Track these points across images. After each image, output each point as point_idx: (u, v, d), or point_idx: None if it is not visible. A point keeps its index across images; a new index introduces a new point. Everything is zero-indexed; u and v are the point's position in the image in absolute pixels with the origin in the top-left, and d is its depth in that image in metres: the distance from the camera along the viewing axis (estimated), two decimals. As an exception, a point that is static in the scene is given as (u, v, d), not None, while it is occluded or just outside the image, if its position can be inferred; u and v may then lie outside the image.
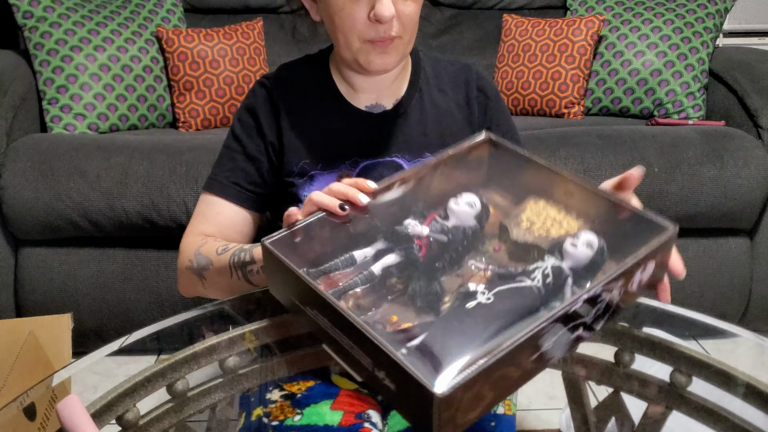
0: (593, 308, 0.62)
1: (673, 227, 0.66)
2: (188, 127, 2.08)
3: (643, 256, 0.64)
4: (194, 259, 0.94)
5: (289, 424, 0.92)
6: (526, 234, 0.73)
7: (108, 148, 1.71)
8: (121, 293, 1.74)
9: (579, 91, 2.12)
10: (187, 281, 0.97)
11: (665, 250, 0.68)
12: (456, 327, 0.59)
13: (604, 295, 0.62)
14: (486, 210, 0.75)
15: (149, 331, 0.89)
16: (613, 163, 1.72)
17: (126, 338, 0.88)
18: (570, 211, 0.75)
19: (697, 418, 0.86)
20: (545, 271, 0.65)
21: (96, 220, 1.66)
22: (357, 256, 0.71)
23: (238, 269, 0.88)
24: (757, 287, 1.84)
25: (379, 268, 0.69)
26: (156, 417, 0.83)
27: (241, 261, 0.87)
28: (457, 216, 0.74)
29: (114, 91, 2.00)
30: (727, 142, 1.75)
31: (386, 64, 0.92)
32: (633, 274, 0.65)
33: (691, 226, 1.78)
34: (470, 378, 0.53)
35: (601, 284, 0.61)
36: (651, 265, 0.67)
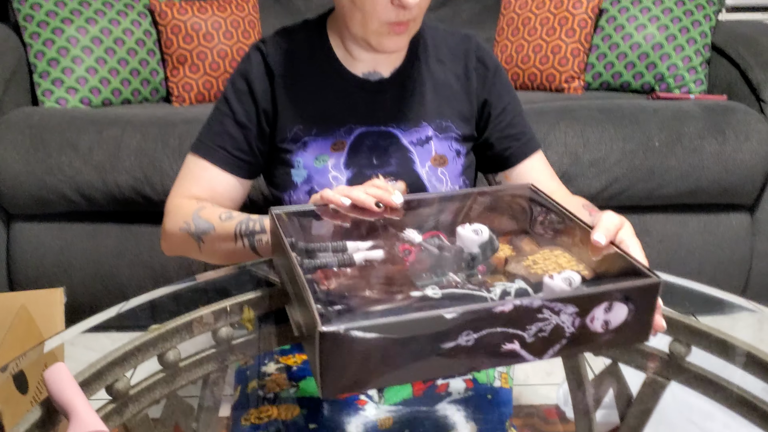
0: (531, 324, 0.60)
1: (656, 279, 0.63)
2: (182, 102, 2.06)
3: (603, 291, 0.62)
4: (192, 222, 0.93)
5: (285, 396, 0.92)
6: (521, 269, 0.73)
7: (100, 122, 1.69)
8: (115, 268, 1.73)
9: (579, 65, 2.10)
10: (179, 242, 0.96)
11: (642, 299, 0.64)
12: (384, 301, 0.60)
13: (546, 313, 0.60)
14: (493, 243, 0.75)
15: (146, 299, 0.90)
16: (613, 137, 1.70)
17: (123, 305, 0.88)
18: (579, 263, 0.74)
19: (696, 388, 0.85)
20: (507, 289, 0.64)
21: (88, 194, 1.65)
22: (350, 245, 0.73)
23: (244, 237, 0.88)
24: (758, 263, 1.84)
25: (360, 257, 0.71)
26: (147, 387, 0.82)
27: (250, 230, 0.87)
28: (461, 239, 0.75)
29: (106, 65, 1.97)
30: (729, 116, 1.74)
31: (398, 46, 0.92)
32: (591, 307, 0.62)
33: (692, 201, 1.77)
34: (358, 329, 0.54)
35: (541, 299, 0.59)
36: (620, 309, 0.63)
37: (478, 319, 0.58)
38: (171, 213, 0.97)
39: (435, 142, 0.99)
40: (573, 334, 0.62)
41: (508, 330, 0.59)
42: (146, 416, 0.82)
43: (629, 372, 0.92)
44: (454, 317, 0.57)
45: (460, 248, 0.74)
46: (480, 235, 0.74)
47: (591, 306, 0.62)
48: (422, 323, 0.56)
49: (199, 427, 0.88)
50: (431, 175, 0.98)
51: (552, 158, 1.70)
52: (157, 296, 0.92)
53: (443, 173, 0.99)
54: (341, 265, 0.69)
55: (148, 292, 0.91)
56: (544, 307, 0.60)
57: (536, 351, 0.62)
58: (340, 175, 0.96)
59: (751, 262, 1.83)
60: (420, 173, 0.98)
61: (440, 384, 0.96)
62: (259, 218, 0.88)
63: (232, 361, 0.88)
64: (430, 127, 0.99)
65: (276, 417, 0.90)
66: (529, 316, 0.60)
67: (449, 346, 0.58)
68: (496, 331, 0.59)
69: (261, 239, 0.87)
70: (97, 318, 0.86)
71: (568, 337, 0.62)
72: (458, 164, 1.01)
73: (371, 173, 0.97)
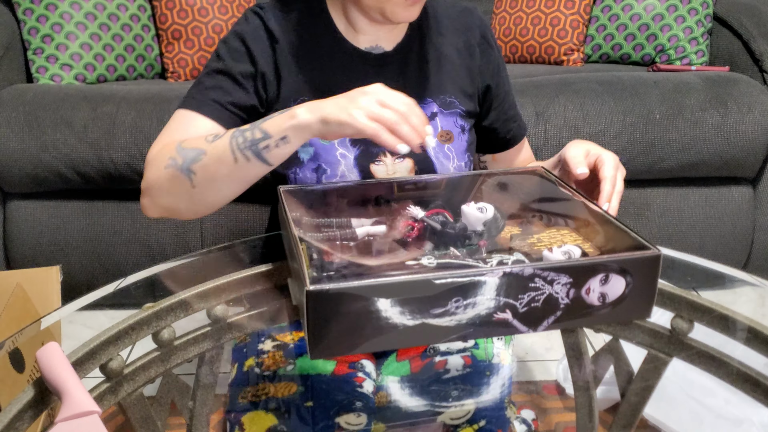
0: (524, 293, 0.59)
1: (656, 251, 0.63)
2: (177, 78, 2.04)
3: (596, 261, 0.61)
4: (177, 155, 0.82)
5: (282, 374, 0.91)
6: (524, 245, 0.73)
7: (95, 98, 1.67)
8: (112, 246, 1.72)
9: (579, 37, 2.07)
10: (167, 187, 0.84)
11: (641, 273, 0.63)
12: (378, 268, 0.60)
13: (538, 282, 0.59)
14: (497, 221, 0.75)
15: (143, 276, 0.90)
16: (613, 110, 1.69)
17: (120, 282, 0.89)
18: (585, 242, 0.73)
19: (698, 364, 0.84)
20: (503, 260, 0.63)
21: (84, 171, 1.63)
22: (354, 222, 0.73)
23: (246, 150, 0.78)
24: (760, 237, 1.82)
25: (363, 232, 0.71)
26: (141, 366, 0.81)
27: (250, 140, 0.78)
28: (465, 217, 0.74)
29: (101, 41, 1.94)
30: (731, 88, 1.72)
31: (412, 16, 0.89)
32: (586, 278, 0.61)
33: (693, 174, 1.75)
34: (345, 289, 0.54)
35: (532, 266, 0.58)
36: (618, 282, 0.63)
37: (467, 285, 0.57)
38: (150, 162, 0.86)
39: (440, 118, 0.98)
40: (568, 305, 0.61)
41: (499, 299, 0.58)
42: (141, 395, 0.82)
43: (630, 348, 0.91)
44: (442, 282, 0.56)
45: (464, 226, 0.73)
46: (485, 213, 0.73)
47: (586, 277, 0.61)
48: (409, 286, 0.56)
49: (196, 406, 0.88)
50: (438, 151, 0.97)
51: (551, 132, 1.68)
52: (154, 273, 0.92)
53: (450, 149, 0.98)
54: (343, 239, 0.69)
55: (145, 270, 0.91)
56: (536, 276, 0.59)
57: (530, 322, 0.61)
58: (347, 152, 0.94)
59: (753, 235, 1.82)
60: (428, 150, 0.96)
61: (438, 361, 0.95)
62: (255, 125, 0.79)
63: (228, 339, 0.88)
64: (435, 103, 0.98)
65: (273, 395, 0.90)
66: (520, 285, 0.59)
67: (438, 311, 0.58)
68: (485, 298, 0.58)
69: (268, 145, 0.78)
70: (94, 295, 0.86)
71: (563, 308, 0.61)
72: (463, 140, 1.00)
73: (378, 150, 0.94)
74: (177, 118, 0.91)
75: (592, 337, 0.94)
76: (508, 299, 0.59)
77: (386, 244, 0.70)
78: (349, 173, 0.93)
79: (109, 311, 0.88)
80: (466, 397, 0.92)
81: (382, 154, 0.94)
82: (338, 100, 0.75)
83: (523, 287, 0.59)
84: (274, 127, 0.78)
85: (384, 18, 0.90)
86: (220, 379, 0.90)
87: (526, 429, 1.22)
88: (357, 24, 0.95)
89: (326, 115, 0.74)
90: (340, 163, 0.93)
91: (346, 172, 0.93)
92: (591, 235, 0.73)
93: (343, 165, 0.93)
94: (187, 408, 0.88)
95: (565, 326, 0.64)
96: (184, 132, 0.88)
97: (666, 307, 0.86)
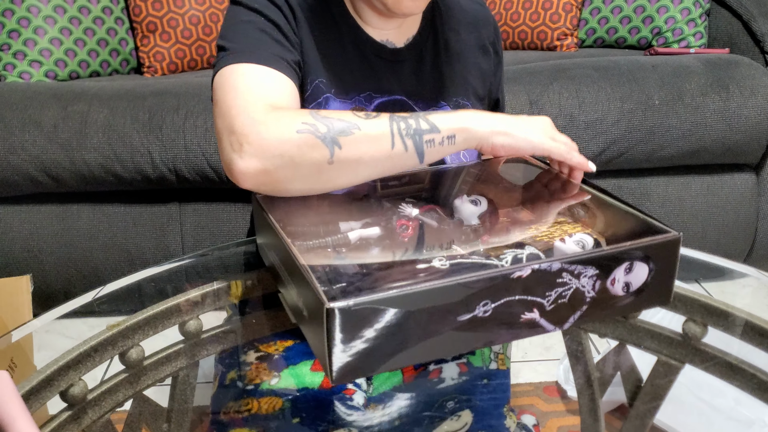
0: (551, 290, 0.58)
1: (676, 233, 0.62)
2: (154, 72, 1.97)
3: (623, 249, 0.60)
4: (318, 122, 0.69)
5: (266, 387, 0.88)
6: (527, 237, 0.71)
7: (65, 96, 1.61)
8: (88, 252, 1.67)
9: (572, 21, 2.02)
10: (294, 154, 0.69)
11: (664, 257, 0.63)
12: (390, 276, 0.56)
13: (566, 277, 0.58)
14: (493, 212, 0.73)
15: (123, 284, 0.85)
16: (610, 97, 1.63)
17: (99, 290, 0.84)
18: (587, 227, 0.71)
19: (713, 372, 0.80)
20: (518, 256, 0.61)
21: (55, 173, 1.57)
22: (342, 226, 0.69)
23: (407, 137, 0.71)
24: (763, 225, 1.79)
25: (355, 236, 0.67)
26: (108, 390, 0.76)
27: (414, 128, 0.72)
28: (459, 212, 0.73)
29: (72, 35, 1.87)
30: (732, 71, 1.67)
31: (417, 7, 0.83)
32: (611, 268, 0.60)
33: (694, 162, 1.72)
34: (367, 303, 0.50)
35: (560, 261, 0.57)
36: (641, 270, 0.62)
37: (495, 287, 0.55)
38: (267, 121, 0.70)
39: None
40: (594, 299, 0.60)
41: (526, 297, 0.57)
42: (109, 422, 0.77)
43: (638, 354, 0.87)
44: (472, 285, 0.54)
45: (459, 221, 0.71)
46: (479, 206, 0.72)
47: (612, 267, 0.60)
48: (436, 293, 0.53)
49: (171, 428, 0.84)
50: (455, 156, 0.92)
51: (546, 121, 1.62)
52: (135, 281, 0.87)
53: (464, 155, 0.93)
54: (335, 245, 0.65)
55: (126, 277, 0.87)
56: (564, 271, 0.57)
57: (556, 320, 0.60)
58: None
59: (757, 224, 1.79)
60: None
61: (432, 369, 0.92)
62: (412, 115, 0.73)
63: (204, 356, 0.84)
64: (448, 106, 0.93)
65: (257, 411, 0.86)
66: (548, 281, 0.57)
67: (466, 318, 0.55)
68: (515, 300, 0.56)
69: (433, 139, 0.72)
70: (72, 304, 0.82)
71: (589, 302, 0.60)
72: None
73: None
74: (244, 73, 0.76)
75: (593, 336, 0.90)
76: (536, 297, 0.57)
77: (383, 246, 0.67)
78: None
79: (89, 319, 0.85)
80: (462, 408, 0.88)
81: None
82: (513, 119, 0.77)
83: (551, 283, 0.57)
84: (443, 122, 0.73)
85: (387, 9, 0.83)
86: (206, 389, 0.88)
87: None
88: (364, 16, 0.89)
89: (509, 130, 0.75)
90: None
91: None
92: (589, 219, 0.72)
93: None
94: (162, 431, 0.83)
95: (590, 320, 0.63)
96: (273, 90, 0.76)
97: (677, 310, 0.82)
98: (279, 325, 0.89)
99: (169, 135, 1.54)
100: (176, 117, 1.55)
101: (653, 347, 0.84)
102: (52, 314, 0.80)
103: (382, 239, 0.68)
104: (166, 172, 1.56)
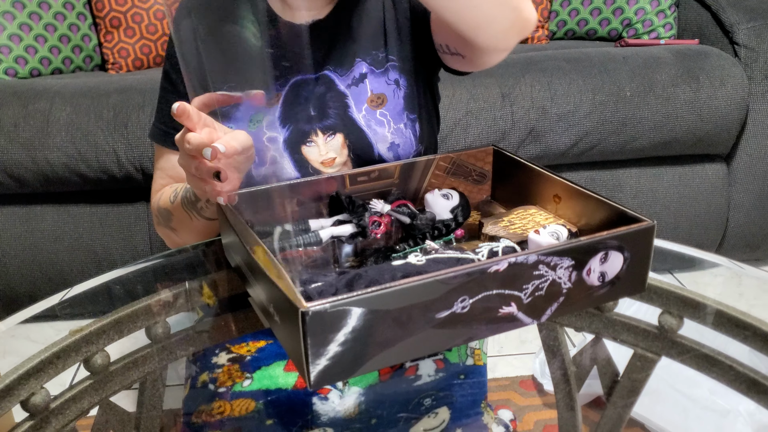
0: (528, 283, 0.57)
1: (651, 222, 0.62)
2: (119, 69, 1.92)
3: (599, 239, 0.59)
4: (158, 214, 0.91)
5: (238, 390, 0.87)
6: (499, 230, 0.71)
7: (26, 94, 1.56)
8: (54, 253, 1.63)
9: (543, 13, 2.02)
10: (166, 234, 0.94)
11: (638, 246, 0.63)
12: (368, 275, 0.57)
13: (542, 269, 0.58)
14: (465, 205, 0.74)
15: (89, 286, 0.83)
16: (582, 89, 1.63)
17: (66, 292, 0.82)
18: (558, 219, 0.73)
19: (690, 364, 0.80)
20: (494, 249, 0.62)
21: (17, 174, 1.53)
22: (312, 224, 0.70)
23: (191, 210, 0.84)
24: (735, 215, 1.80)
25: (327, 234, 0.68)
26: (72, 397, 0.74)
27: (189, 201, 0.82)
28: (430, 207, 0.73)
29: (32, 31, 1.82)
30: (702, 61, 1.68)
31: None
32: (587, 259, 0.60)
33: (666, 153, 1.73)
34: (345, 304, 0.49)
35: (536, 253, 0.56)
36: (616, 259, 0.62)
37: (472, 282, 0.54)
38: (153, 215, 0.95)
39: (370, 79, 0.91)
40: (570, 290, 0.61)
41: (504, 291, 0.57)
42: (74, 430, 0.75)
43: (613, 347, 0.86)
44: (449, 282, 0.53)
45: (432, 215, 0.71)
46: (450, 200, 0.72)
47: (587, 257, 0.60)
48: (414, 291, 0.52)
49: None
50: (369, 119, 0.90)
51: (518, 114, 1.62)
52: (103, 282, 0.85)
53: (383, 114, 0.91)
54: (307, 245, 0.66)
55: (93, 278, 0.85)
56: (540, 263, 0.57)
57: (534, 312, 0.60)
58: (276, 133, 0.88)
59: (728, 213, 1.80)
60: (356, 119, 0.90)
61: (409, 367, 0.91)
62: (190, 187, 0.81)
63: (173, 360, 0.82)
64: (364, 62, 0.91)
65: (230, 414, 0.85)
66: (525, 274, 0.57)
67: (444, 315, 0.54)
68: (492, 294, 0.56)
69: (202, 207, 0.82)
70: (38, 307, 0.81)
71: (565, 293, 0.61)
72: (399, 97, 0.92)
73: (309, 128, 0.89)
74: (156, 155, 0.96)
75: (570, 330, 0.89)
76: (513, 291, 0.57)
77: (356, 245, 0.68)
78: (280, 158, 0.88)
79: (55, 323, 0.85)
80: (440, 405, 0.88)
81: (312, 133, 0.89)
82: None
83: (528, 276, 0.57)
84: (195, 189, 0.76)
85: None
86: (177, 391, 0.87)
87: (504, 431, 1.18)
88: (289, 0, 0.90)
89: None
90: (268, 149, 0.88)
91: (277, 157, 0.87)
92: (560, 210, 0.72)
93: (273, 150, 0.88)
94: None
95: (567, 312, 0.63)
96: (163, 172, 0.94)
97: (653, 302, 0.81)
98: (250, 326, 0.87)
99: (135, 133, 1.51)
100: (142, 114, 1.52)
101: (630, 340, 0.84)
102: (16, 318, 0.78)
103: (354, 236, 0.68)
104: (133, 171, 1.53)
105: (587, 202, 0.69)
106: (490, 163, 0.80)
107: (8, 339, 0.80)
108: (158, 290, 0.80)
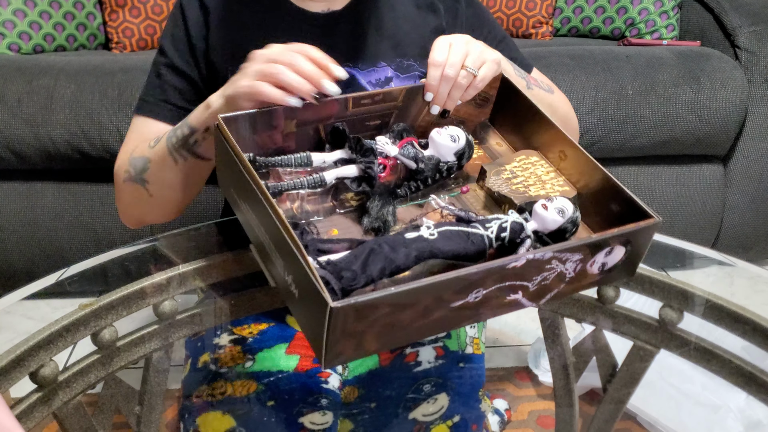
0: (538, 275, 0.59)
1: (658, 218, 0.63)
2: (122, 48, 1.91)
3: (610, 236, 0.61)
4: (130, 166, 0.83)
5: (240, 371, 0.87)
6: (502, 185, 0.72)
7: (30, 70, 1.54)
8: (53, 231, 1.62)
9: (547, 9, 2.02)
10: (130, 200, 0.86)
11: (641, 240, 0.64)
12: (383, 252, 0.57)
13: (554, 263, 0.59)
14: (470, 148, 0.73)
15: (88, 265, 0.84)
16: (585, 86, 1.64)
17: (64, 271, 0.83)
18: (559, 175, 0.73)
19: (689, 357, 0.81)
20: (503, 224, 0.63)
21: (19, 150, 1.52)
22: (315, 158, 0.68)
23: (180, 149, 0.77)
24: (729, 216, 1.82)
25: (332, 176, 0.67)
26: (80, 371, 0.75)
27: (181, 138, 0.77)
28: (436, 147, 0.72)
29: (36, 7, 1.80)
30: (703, 63, 1.69)
31: None
32: (595, 253, 0.61)
33: (665, 152, 1.73)
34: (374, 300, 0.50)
35: (552, 251, 0.58)
36: (619, 251, 0.63)
37: (490, 276, 0.56)
38: (115, 174, 0.87)
39: (396, 83, 0.90)
40: (571, 278, 0.62)
41: (515, 282, 0.58)
42: (80, 403, 0.76)
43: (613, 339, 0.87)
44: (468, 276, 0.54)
45: (436, 159, 0.71)
46: (457, 142, 0.71)
47: (596, 252, 0.61)
48: (437, 287, 0.54)
49: (143, 411, 0.82)
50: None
51: (521, 108, 1.62)
52: (102, 261, 0.86)
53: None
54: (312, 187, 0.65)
55: (92, 258, 0.86)
56: (554, 258, 0.59)
57: (535, 298, 0.62)
58: None
59: (723, 214, 1.81)
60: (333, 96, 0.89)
61: (409, 353, 0.91)
62: (184, 121, 0.77)
63: (178, 338, 0.82)
64: (389, 67, 0.91)
65: (230, 394, 0.85)
66: (538, 268, 0.59)
67: (458, 304, 0.56)
68: (504, 285, 0.58)
69: (197, 140, 0.76)
70: (36, 285, 0.82)
71: (567, 281, 0.62)
72: None
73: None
74: (134, 125, 0.90)
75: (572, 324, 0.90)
76: (524, 282, 0.59)
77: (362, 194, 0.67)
78: None
79: (52, 301, 0.84)
80: (438, 391, 0.88)
81: None
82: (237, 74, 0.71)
83: (540, 269, 0.59)
84: (196, 119, 0.75)
85: None
86: (174, 372, 0.86)
87: (499, 420, 1.19)
88: None
89: (227, 94, 0.70)
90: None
91: None
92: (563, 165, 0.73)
93: None
94: (134, 414, 0.84)
95: (562, 296, 0.65)
96: (138, 136, 0.87)
97: (654, 296, 0.82)
98: (253, 308, 0.87)
99: (139, 113, 1.50)
100: (147, 94, 1.51)
101: (630, 332, 0.85)
102: (14, 296, 0.79)
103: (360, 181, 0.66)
104: (136, 151, 1.52)
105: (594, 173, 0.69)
106: (496, 88, 0.79)
107: (5, 315, 0.80)
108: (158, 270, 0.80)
